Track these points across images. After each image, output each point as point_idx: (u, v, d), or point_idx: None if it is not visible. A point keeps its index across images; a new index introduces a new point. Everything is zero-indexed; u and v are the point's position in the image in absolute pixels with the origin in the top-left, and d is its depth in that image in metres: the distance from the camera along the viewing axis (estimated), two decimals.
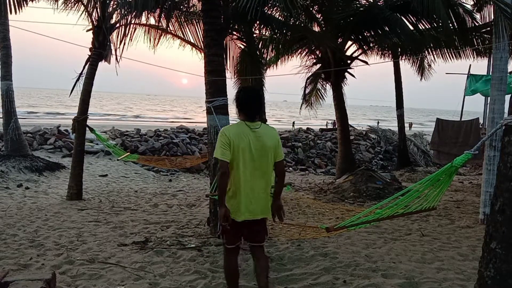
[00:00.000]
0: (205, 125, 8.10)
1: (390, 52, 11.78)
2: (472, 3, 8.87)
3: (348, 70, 10.35)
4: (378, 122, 38.43)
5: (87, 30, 7.83)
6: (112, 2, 7.62)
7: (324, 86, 12.25)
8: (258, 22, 7.09)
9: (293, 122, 28.11)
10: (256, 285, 3.79)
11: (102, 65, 7.96)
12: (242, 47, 8.93)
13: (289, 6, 4.75)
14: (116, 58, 7.52)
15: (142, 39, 8.29)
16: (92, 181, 9.57)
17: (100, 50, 7.76)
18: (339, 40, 9.92)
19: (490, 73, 7.40)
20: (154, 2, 5.51)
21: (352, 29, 9.40)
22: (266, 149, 3.06)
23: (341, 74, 10.32)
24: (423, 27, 8.63)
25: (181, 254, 4.62)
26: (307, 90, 12.07)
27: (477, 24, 8.18)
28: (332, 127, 23.31)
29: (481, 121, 13.32)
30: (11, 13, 6.56)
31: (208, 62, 5.53)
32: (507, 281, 2.27)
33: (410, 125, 36.42)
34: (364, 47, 10.22)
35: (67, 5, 7.70)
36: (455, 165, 2.75)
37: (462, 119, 12.63)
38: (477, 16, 8.32)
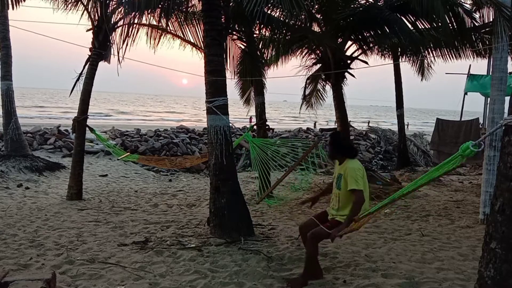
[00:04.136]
0: (205, 125, 8.10)
1: (390, 52, 11.76)
2: (471, 2, 8.86)
3: (348, 70, 10.33)
4: (369, 122, 38.32)
5: (87, 30, 7.84)
6: (112, 2, 7.61)
7: (324, 86, 12.23)
8: (258, 22, 7.10)
9: (315, 123, 27.80)
10: (255, 285, 3.82)
11: (102, 65, 7.97)
12: (242, 47, 8.93)
13: (294, 6, 4.75)
14: (118, 59, 7.48)
15: (143, 39, 8.29)
16: (92, 181, 9.57)
17: (100, 50, 7.75)
18: (339, 40, 9.91)
19: (490, 73, 7.41)
20: (155, 2, 5.52)
21: (352, 29, 9.38)
22: None
23: (341, 74, 10.30)
24: (423, 27, 8.63)
25: (181, 254, 4.62)
26: (307, 91, 12.04)
27: (476, 24, 8.18)
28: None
29: (481, 121, 13.31)
30: (7, 8, 6.52)
31: (208, 62, 5.54)
32: (507, 281, 2.27)
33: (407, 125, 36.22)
34: (364, 47, 10.20)
35: (67, 4, 7.70)
36: (465, 155, 2.72)
37: (462, 119, 12.63)
38: (477, 15, 8.31)
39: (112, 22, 7.75)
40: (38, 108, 48.83)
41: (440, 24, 7.30)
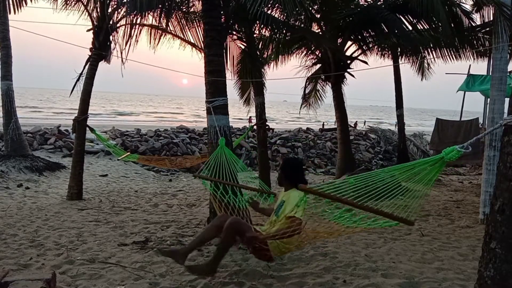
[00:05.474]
0: (205, 125, 8.11)
1: (390, 52, 11.77)
2: (471, 3, 8.87)
3: (348, 70, 10.34)
4: (365, 122, 38.26)
5: (88, 30, 7.84)
6: (112, 2, 7.61)
7: (323, 87, 12.24)
8: (258, 22, 7.10)
9: (323, 123, 27.63)
10: (255, 285, 3.82)
11: (102, 65, 7.96)
12: (242, 47, 8.94)
13: (297, 5, 4.77)
14: (122, 60, 7.45)
15: (143, 39, 8.28)
16: (92, 181, 9.57)
17: (100, 51, 7.75)
18: (339, 40, 9.92)
19: (490, 74, 7.41)
20: (156, 2, 5.52)
21: (352, 29, 9.40)
22: None
23: (341, 74, 10.31)
24: (422, 27, 8.63)
25: None
26: (307, 91, 12.05)
27: (475, 25, 8.19)
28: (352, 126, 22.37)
29: (481, 121, 13.32)
30: (10, 13, 6.56)
31: (208, 62, 5.54)
32: (507, 281, 2.27)
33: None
34: (364, 47, 10.21)
35: (67, 4, 7.70)
36: (446, 159, 2.60)
37: (462, 119, 12.63)
38: (477, 16, 8.32)
39: (112, 22, 7.74)
40: (38, 108, 48.77)
41: (439, 24, 7.31)
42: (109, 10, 7.66)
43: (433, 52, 10.21)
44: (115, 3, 7.58)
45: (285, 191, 3.77)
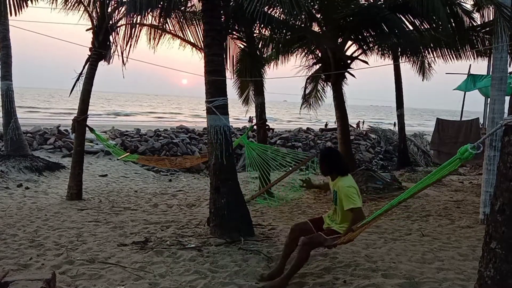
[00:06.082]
0: (205, 125, 8.10)
1: (390, 52, 11.76)
2: (472, 3, 8.87)
3: (348, 70, 10.32)
4: (363, 122, 38.23)
5: (87, 30, 7.83)
6: (112, 2, 7.60)
7: (324, 87, 12.23)
8: (258, 22, 7.10)
9: (326, 123, 27.64)
10: (257, 284, 3.81)
11: (102, 65, 7.95)
12: (242, 47, 8.93)
13: (294, 7, 4.76)
14: (123, 60, 7.41)
15: (143, 39, 8.26)
16: (92, 181, 9.57)
17: (100, 50, 7.75)
18: (339, 40, 9.91)
19: (490, 73, 7.41)
20: (156, 1, 5.52)
21: (352, 29, 9.39)
22: None
23: (341, 74, 10.30)
24: (423, 27, 8.63)
25: (181, 254, 4.62)
26: (307, 90, 12.04)
27: (475, 24, 8.19)
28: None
29: (481, 121, 13.33)
30: (11, 15, 6.56)
31: (208, 62, 5.53)
32: (507, 281, 2.27)
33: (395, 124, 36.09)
34: (364, 47, 10.20)
35: (67, 4, 7.69)
36: (463, 158, 2.69)
37: (463, 119, 12.64)
38: (477, 16, 8.32)
39: (112, 22, 7.73)
40: (37, 108, 48.75)
41: (440, 24, 7.31)
42: (109, 9, 7.65)
43: (434, 52, 10.21)
44: (115, 2, 7.57)
45: (332, 181, 3.93)
